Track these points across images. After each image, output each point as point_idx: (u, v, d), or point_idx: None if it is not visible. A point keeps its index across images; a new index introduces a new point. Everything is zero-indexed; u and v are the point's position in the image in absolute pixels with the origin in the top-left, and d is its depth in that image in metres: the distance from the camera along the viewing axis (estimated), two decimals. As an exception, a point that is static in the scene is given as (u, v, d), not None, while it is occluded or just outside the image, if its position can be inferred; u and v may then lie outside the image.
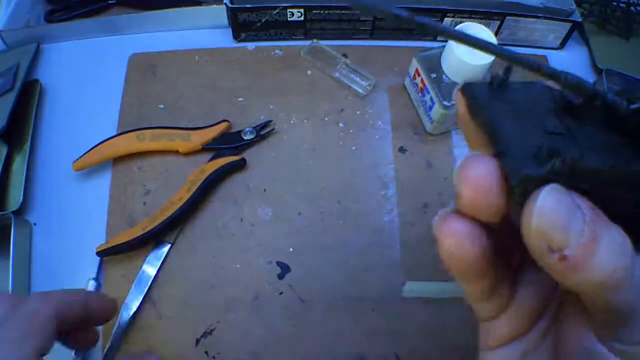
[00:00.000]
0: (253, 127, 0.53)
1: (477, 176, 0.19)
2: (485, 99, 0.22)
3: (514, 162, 0.19)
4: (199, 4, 0.62)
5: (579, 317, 0.21)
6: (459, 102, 0.23)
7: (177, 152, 0.52)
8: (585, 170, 0.19)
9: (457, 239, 0.20)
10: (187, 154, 0.52)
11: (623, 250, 0.18)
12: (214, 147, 0.52)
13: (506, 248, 0.23)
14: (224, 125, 0.53)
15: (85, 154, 0.50)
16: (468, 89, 0.23)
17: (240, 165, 0.52)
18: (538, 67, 0.19)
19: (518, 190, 0.19)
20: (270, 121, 0.54)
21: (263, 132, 0.53)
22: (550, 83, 0.23)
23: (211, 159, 0.52)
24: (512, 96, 0.22)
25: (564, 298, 0.23)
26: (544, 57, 0.61)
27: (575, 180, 0.19)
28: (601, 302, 0.19)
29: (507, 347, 0.24)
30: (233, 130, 0.54)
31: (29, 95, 0.54)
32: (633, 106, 0.19)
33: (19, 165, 0.51)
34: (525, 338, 0.24)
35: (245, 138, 0.53)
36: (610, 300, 0.18)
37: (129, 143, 0.51)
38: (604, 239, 0.18)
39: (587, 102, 0.20)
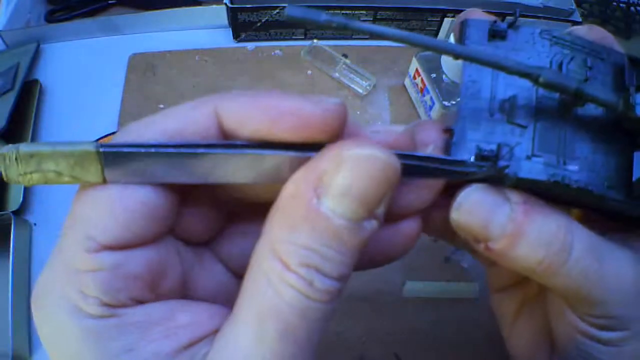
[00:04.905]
0: (253, 127, 0.53)
1: None
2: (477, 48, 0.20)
3: (459, 151, 0.19)
4: (199, 4, 0.61)
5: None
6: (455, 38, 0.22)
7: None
8: (520, 179, 0.18)
9: None
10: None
11: (550, 243, 0.18)
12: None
13: None
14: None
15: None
16: (465, 27, 0.21)
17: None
18: (501, 66, 0.18)
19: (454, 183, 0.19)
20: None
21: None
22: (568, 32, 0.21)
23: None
24: (510, 46, 0.20)
25: None
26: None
27: (509, 183, 0.19)
28: (545, 284, 0.19)
29: (508, 291, 0.25)
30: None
31: (29, 95, 0.54)
32: (634, 115, 0.17)
33: (19, 165, 0.51)
34: (523, 287, 0.25)
35: (245, 138, 0.53)
36: (550, 282, 0.19)
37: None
38: (528, 233, 0.18)
39: (572, 102, 0.19)
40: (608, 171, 0.19)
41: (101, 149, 0.16)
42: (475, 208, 0.19)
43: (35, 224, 0.49)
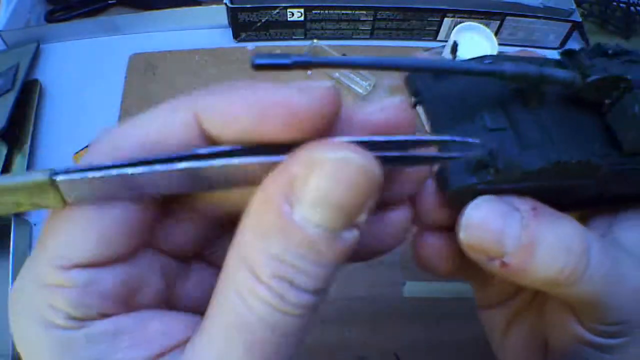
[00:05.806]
0: (253, 127, 0.53)
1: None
2: (428, 91, 0.21)
3: (450, 173, 0.19)
4: (199, 4, 0.62)
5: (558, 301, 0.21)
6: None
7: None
8: (524, 171, 0.18)
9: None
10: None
11: (570, 248, 0.17)
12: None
13: None
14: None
15: (86, 147, 0.50)
16: (411, 81, 0.21)
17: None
18: (467, 70, 0.18)
19: (454, 202, 0.19)
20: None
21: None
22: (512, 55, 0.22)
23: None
24: (457, 81, 0.21)
25: None
26: (544, 57, 0.61)
27: (514, 182, 0.18)
28: (561, 295, 0.19)
29: (496, 309, 0.25)
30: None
31: (29, 95, 0.54)
32: (589, 80, 0.18)
33: (19, 165, 0.51)
34: (511, 303, 0.24)
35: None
36: (568, 293, 0.18)
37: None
38: (545, 240, 0.17)
39: (535, 87, 0.19)
40: (592, 144, 0.19)
41: (56, 178, 0.15)
42: (484, 222, 0.18)
43: (35, 224, 0.49)
